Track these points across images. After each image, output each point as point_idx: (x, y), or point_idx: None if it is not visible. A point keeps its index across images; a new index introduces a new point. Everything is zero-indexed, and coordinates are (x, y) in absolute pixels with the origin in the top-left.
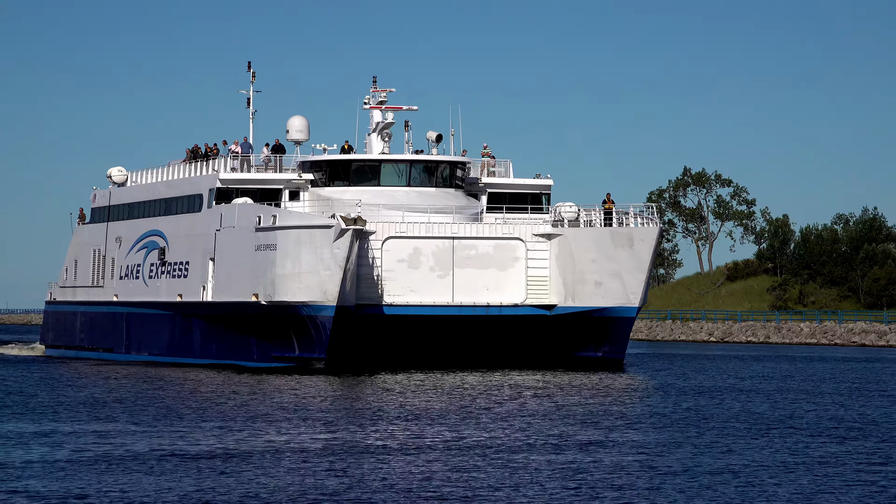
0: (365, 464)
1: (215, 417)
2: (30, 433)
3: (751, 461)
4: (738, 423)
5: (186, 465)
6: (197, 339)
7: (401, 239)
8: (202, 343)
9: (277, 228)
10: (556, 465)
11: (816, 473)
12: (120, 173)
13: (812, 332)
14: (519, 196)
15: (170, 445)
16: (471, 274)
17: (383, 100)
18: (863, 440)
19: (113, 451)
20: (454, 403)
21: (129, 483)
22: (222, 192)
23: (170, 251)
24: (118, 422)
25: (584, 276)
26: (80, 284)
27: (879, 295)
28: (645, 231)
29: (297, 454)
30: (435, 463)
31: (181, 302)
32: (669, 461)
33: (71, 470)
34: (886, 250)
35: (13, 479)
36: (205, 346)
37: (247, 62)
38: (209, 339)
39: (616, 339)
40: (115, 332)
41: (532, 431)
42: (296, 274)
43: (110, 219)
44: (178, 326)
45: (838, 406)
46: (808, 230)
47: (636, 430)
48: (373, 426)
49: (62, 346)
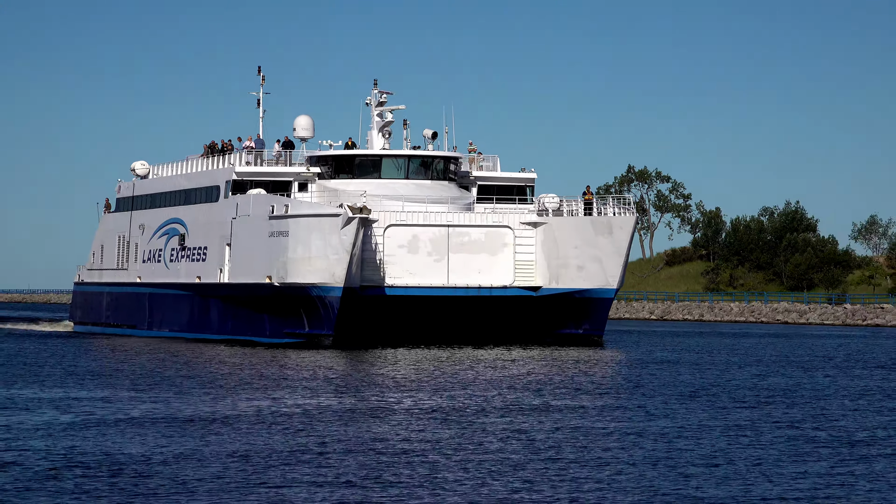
0: (371, 423)
1: (265, 381)
2: (97, 398)
3: (677, 424)
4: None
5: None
6: (214, 317)
7: (401, 227)
8: (219, 320)
9: (289, 217)
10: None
11: (730, 434)
12: (143, 167)
13: (741, 311)
14: (506, 188)
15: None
16: (464, 258)
17: (383, 101)
18: (773, 406)
19: (182, 413)
20: (445, 373)
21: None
22: (238, 184)
23: (189, 237)
24: (187, 391)
25: (567, 261)
26: (106, 267)
27: (800, 278)
28: (623, 220)
29: (316, 414)
30: (428, 421)
31: (200, 283)
32: (622, 425)
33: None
34: (806, 239)
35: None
36: (221, 323)
37: (257, 66)
38: (225, 317)
39: (596, 318)
40: (139, 311)
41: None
42: (306, 258)
43: (134, 208)
44: (196, 305)
45: (758, 376)
46: (737, 221)
47: (601, 396)
48: (375, 392)
49: (89, 323)
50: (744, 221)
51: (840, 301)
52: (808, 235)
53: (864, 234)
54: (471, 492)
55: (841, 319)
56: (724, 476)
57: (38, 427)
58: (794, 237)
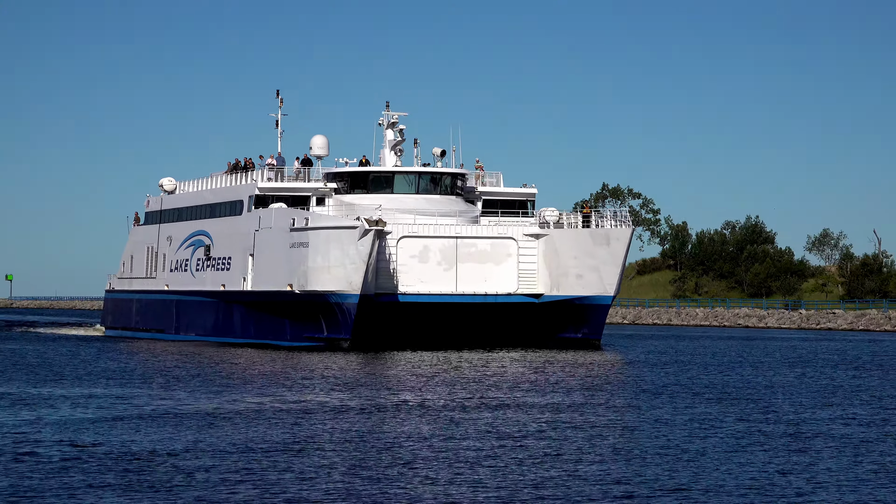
0: (384, 417)
1: (302, 380)
2: (151, 395)
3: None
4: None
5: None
6: (237, 322)
7: (413, 238)
8: (242, 325)
9: (309, 229)
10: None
11: (684, 426)
12: (170, 182)
13: (705, 316)
14: (509, 202)
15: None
16: (471, 267)
17: (395, 121)
18: (728, 402)
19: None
20: (455, 373)
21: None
22: (260, 199)
23: (214, 248)
24: (229, 387)
25: (567, 270)
26: (135, 276)
27: (759, 286)
28: (620, 231)
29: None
30: (439, 414)
31: (224, 291)
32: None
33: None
34: (765, 250)
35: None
36: (244, 328)
37: (276, 90)
38: (248, 322)
39: (594, 323)
40: (167, 316)
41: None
42: (325, 267)
43: (162, 221)
44: (221, 311)
45: (718, 374)
46: (702, 234)
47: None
48: (389, 390)
49: (119, 328)
50: (708, 234)
51: (796, 307)
52: (766, 247)
53: (818, 245)
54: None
55: (797, 324)
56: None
57: (119, 411)
58: (754, 249)
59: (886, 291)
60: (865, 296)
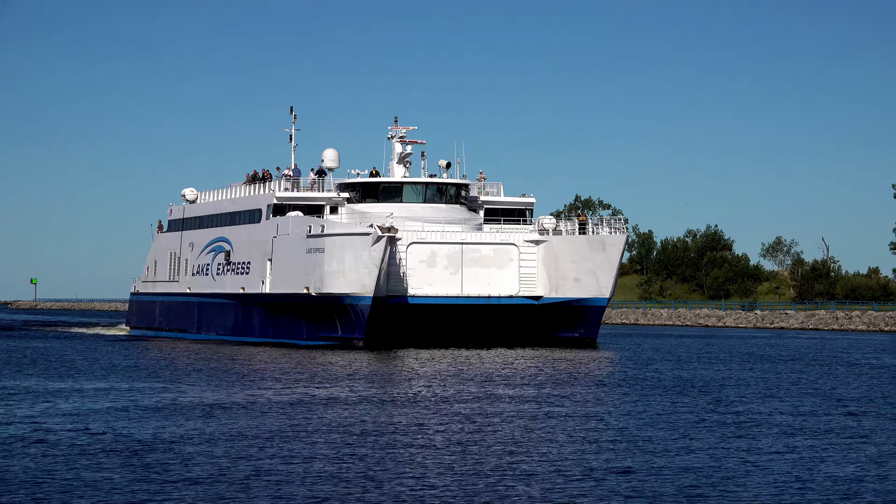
0: (396, 409)
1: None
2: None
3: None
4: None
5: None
6: (256, 323)
7: (421, 244)
8: (260, 325)
9: (325, 235)
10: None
11: (646, 416)
12: (192, 192)
13: (669, 316)
14: (509, 210)
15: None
16: (476, 272)
17: (403, 135)
18: (687, 394)
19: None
20: (460, 369)
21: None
22: (278, 207)
23: (234, 254)
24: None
25: (565, 274)
26: (159, 279)
27: (718, 289)
28: (615, 238)
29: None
30: (449, 406)
31: (244, 293)
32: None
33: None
34: (724, 256)
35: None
36: (262, 328)
37: (290, 107)
38: (266, 323)
39: (590, 323)
40: (189, 317)
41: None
42: (340, 271)
43: (184, 228)
44: (240, 312)
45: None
46: (666, 241)
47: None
48: (403, 384)
49: (143, 328)
50: (671, 241)
51: (751, 308)
52: (725, 253)
53: (772, 252)
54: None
55: (752, 323)
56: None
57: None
58: (714, 255)
59: (834, 294)
60: (815, 298)
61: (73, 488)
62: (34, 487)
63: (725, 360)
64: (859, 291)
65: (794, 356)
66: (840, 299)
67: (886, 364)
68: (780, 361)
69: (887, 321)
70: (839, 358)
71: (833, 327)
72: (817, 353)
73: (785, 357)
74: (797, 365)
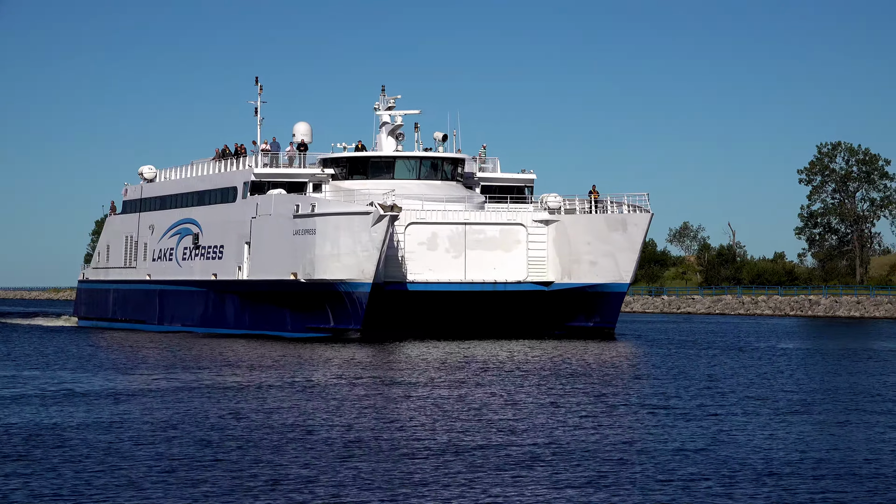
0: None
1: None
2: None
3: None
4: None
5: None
6: (230, 312)
7: (421, 224)
8: (235, 315)
9: (317, 215)
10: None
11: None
12: (150, 170)
13: None
14: (507, 188)
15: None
16: (480, 255)
17: (392, 105)
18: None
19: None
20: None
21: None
22: (256, 185)
23: (203, 236)
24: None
25: (579, 257)
26: (112, 265)
27: None
28: (639, 217)
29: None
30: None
31: (216, 280)
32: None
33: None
34: None
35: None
36: (238, 318)
37: (255, 77)
38: (242, 312)
39: (608, 311)
40: (148, 307)
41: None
42: (335, 255)
43: (142, 210)
44: (211, 301)
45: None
46: None
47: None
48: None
49: (94, 318)
50: None
51: (659, 293)
52: None
53: (678, 237)
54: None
55: (660, 308)
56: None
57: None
58: None
59: (739, 279)
60: (721, 283)
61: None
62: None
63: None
64: (765, 276)
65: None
66: (746, 284)
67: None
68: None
69: (792, 306)
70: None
71: (739, 312)
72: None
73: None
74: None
